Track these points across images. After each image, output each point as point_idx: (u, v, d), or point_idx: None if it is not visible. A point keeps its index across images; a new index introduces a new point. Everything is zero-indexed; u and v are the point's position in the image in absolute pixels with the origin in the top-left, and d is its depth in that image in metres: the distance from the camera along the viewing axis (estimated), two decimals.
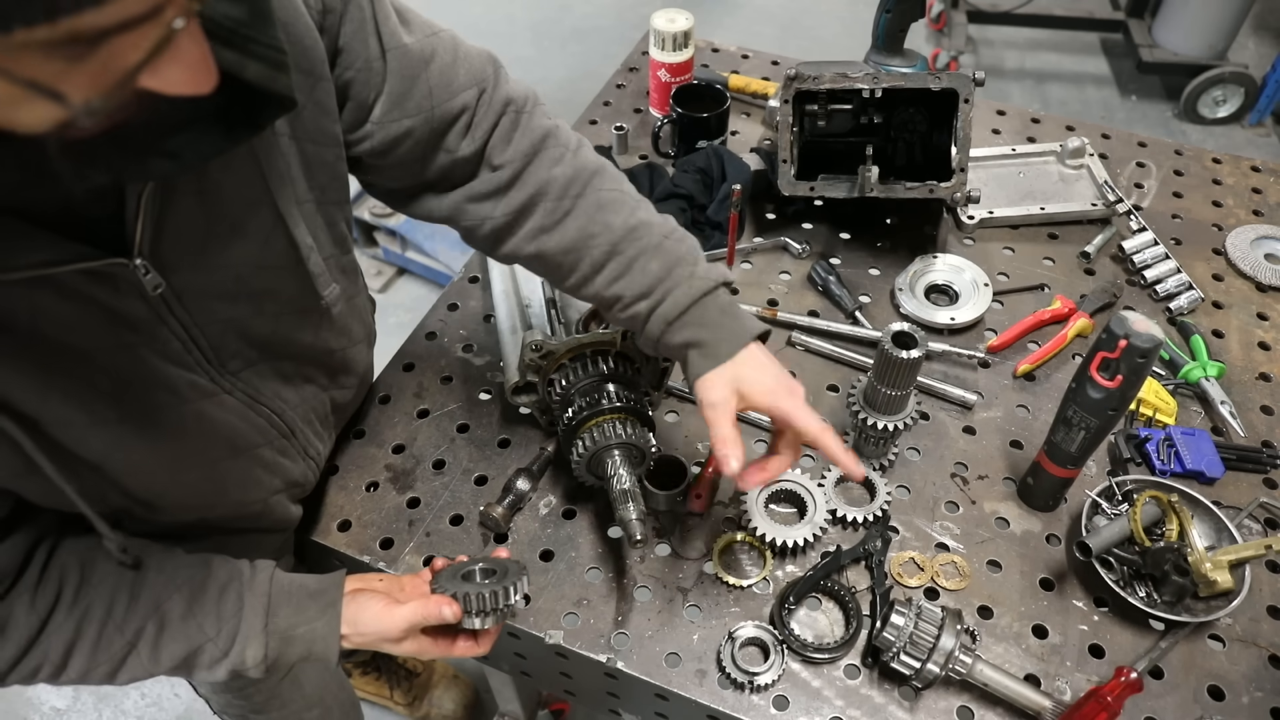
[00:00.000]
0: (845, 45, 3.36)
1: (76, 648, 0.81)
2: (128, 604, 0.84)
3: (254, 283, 0.83)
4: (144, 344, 0.76)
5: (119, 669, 0.84)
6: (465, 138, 0.93)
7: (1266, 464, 1.16)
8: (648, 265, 0.93)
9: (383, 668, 1.99)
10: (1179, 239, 1.48)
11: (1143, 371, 0.94)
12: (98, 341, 0.72)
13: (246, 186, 0.78)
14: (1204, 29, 3.42)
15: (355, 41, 0.83)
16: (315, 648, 0.90)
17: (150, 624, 0.84)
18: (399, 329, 2.76)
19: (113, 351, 0.74)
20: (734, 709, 0.96)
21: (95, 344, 0.72)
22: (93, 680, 0.83)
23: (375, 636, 0.91)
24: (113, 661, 0.83)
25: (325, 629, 0.90)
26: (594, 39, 4.00)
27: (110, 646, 0.82)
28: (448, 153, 0.93)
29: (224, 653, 0.86)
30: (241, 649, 0.87)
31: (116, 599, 0.83)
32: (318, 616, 0.90)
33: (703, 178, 1.47)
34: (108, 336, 0.73)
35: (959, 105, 1.29)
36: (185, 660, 0.86)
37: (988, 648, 1.00)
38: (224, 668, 0.87)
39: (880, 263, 1.44)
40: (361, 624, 0.91)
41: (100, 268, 0.67)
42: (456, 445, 1.20)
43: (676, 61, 1.61)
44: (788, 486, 1.11)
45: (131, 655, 0.83)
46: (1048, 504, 1.12)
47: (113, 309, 0.72)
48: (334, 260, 0.93)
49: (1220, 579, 0.95)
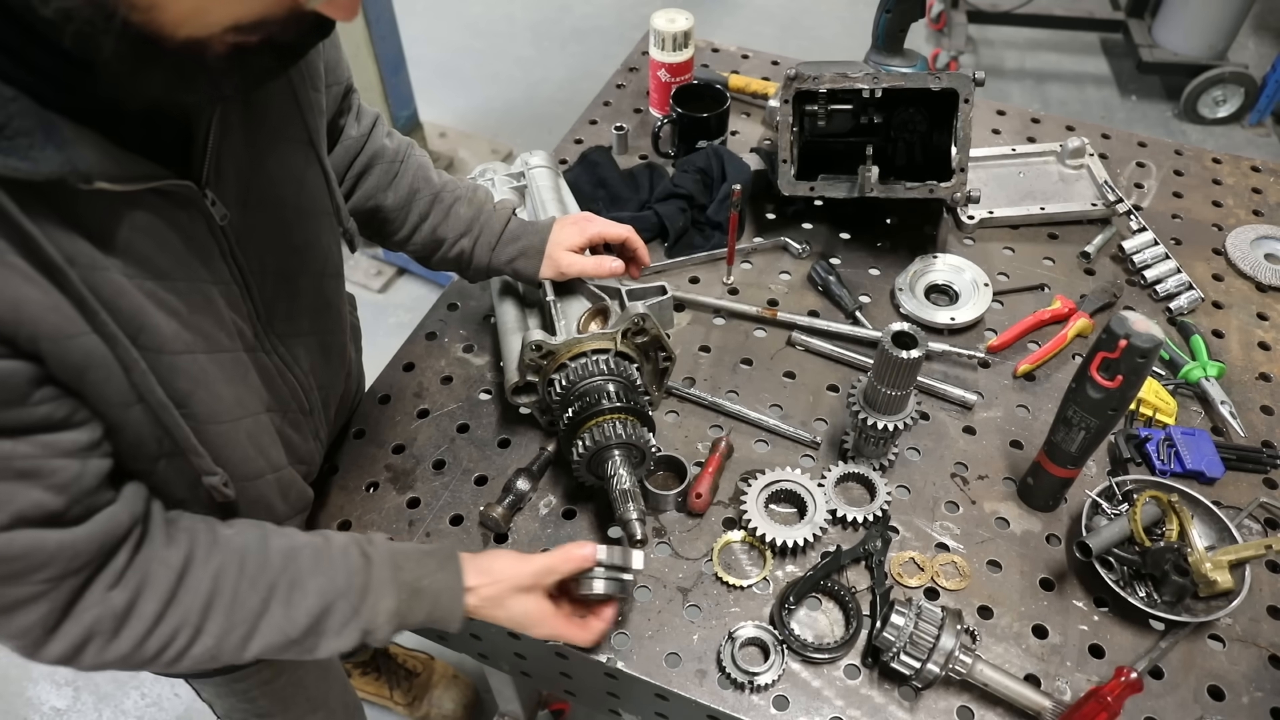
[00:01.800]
0: (845, 45, 3.36)
1: (214, 605, 0.79)
2: (259, 559, 0.83)
3: (294, 230, 0.90)
4: (211, 280, 0.80)
5: (253, 632, 0.81)
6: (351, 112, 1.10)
7: (1266, 464, 1.16)
8: (460, 210, 1.16)
9: (383, 668, 1.99)
10: (1179, 239, 1.48)
11: (1143, 371, 0.94)
12: (178, 268, 0.75)
13: (287, 121, 0.85)
14: (1204, 29, 3.42)
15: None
16: (441, 601, 0.90)
17: (282, 580, 0.83)
18: (399, 329, 2.77)
19: (189, 281, 0.77)
20: (734, 709, 0.96)
21: (176, 270, 0.75)
22: (227, 648, 0.81)
23: (510, 583, 0.91)
24: (249, 621, 0.81)
25: (448, 580, 0.90)
26: (594, 39, 4.00)
27: (246, 604, 0.81)
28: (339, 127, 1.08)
29: (355, 609, 0.85)
30: (375, 601, 0.86)
31: (247, 555, 0.82)
32: (439, 569, 0.91)
33: (703, 178, 1.47)
34: (184, 264, 0.76)
35: (959, 105, 1.29)
36: (317, 619, 0.84)
37: (988, 648, 1.00)
38: (354, 629, 0.86)
39: (880, 263, 1.44)
40: (496, 570, 0.92)
41: (180, 188, 0.72)
42: (456, 445, 1.20)
43: (676, 61, 1.61)
44: (788, 486, 1.11)
45: (265, 616, 0.82)
46: (1048, 504, 1.12)
47: (190, 235, 0.76)
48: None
49: (1220, 579, 0.96)
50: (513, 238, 1.17)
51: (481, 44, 3.99)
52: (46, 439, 0.67)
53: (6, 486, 0.66)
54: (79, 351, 0.67)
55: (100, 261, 0.67)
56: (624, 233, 1.19)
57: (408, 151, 1.16)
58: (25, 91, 0.59)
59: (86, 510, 0.72)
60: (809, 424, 1.22)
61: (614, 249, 1.22)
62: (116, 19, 0.54)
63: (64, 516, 0.70)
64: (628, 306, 1.13)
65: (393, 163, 1.14)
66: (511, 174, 1.39)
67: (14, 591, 0.69)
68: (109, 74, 0.59)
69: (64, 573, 0.71)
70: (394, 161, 1.14)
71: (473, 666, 2.07)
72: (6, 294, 0.61)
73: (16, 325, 0.62)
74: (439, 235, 1.16)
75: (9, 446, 0.65)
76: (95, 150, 0.63)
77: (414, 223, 1.15)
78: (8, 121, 0.58)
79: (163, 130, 0.72)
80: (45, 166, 0.60)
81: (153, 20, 0.55)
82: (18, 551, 0.67)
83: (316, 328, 0.99)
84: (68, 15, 0.53)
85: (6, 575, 0.68)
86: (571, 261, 1.15)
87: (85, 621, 0.73)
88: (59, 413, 0.68)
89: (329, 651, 0.86)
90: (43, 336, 0.64)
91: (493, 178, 1.38)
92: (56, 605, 0.72)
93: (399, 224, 1.15)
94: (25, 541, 0.67)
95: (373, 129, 1.13)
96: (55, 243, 0.63)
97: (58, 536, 0.69)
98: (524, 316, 1.21)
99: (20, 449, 0.66)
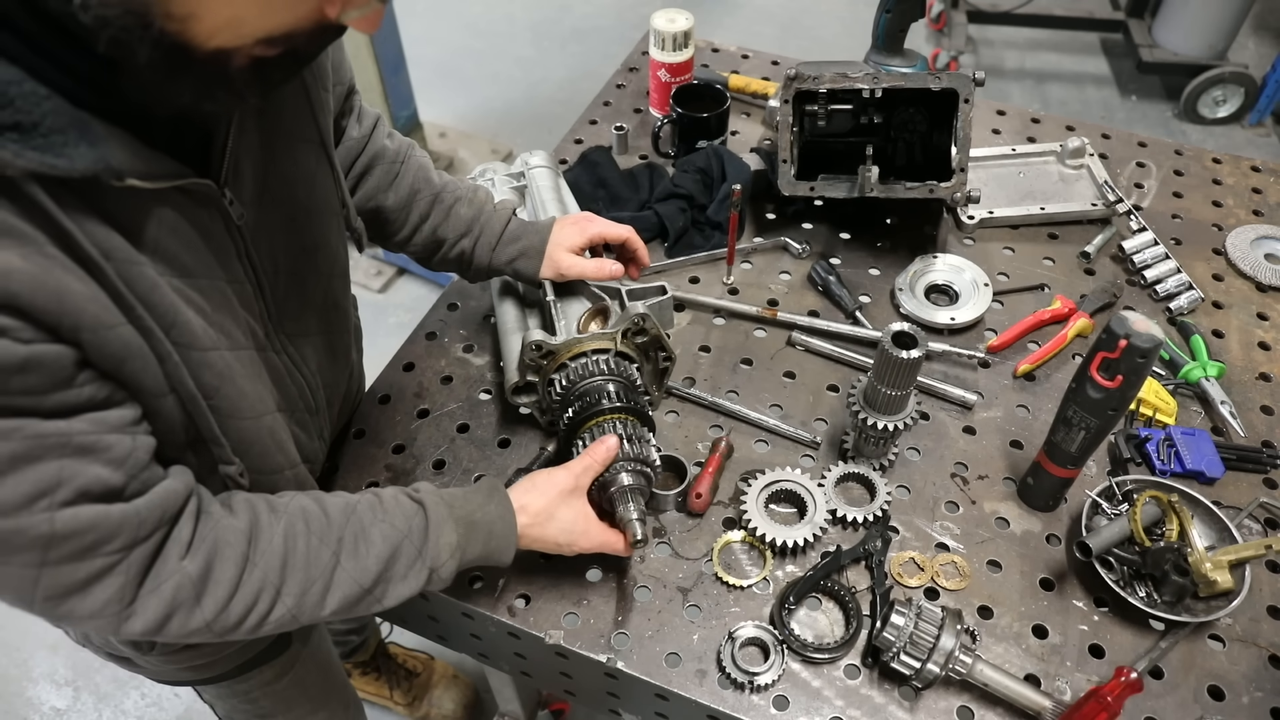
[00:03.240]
0: (845, 45, 3.36)
1: (290, 563, 0.81)
2: (320, 517, 0.85)
3: (304, 230, 0.91)
4: (227, 279, 0.81)
5: (330, 586, 0.83)
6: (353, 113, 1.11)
7: (1266, 464, 1.16)
8: (460, 210, 1.16)
9: (383, 668, 1.99)
10: (1179, 239, 1.48)
11: (1143, 371, 0.94)
12: (200, 265, 0.77)
13: (300, 122, 0.87)
14: (1204, 29, 3.43)
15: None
16: (496, 529, 0.92)
17: (348, 532, 0.85)
18: (399, 329, 2.77)
19: (210, 279, 0.78)
20: (734, 709, 0.96)
21: (199, 267, 0.76)
22: (307, 605, 0.83)
23: (556, 488, 0.96)
24: (325, 576, 0.83)
25: (500, 510, 0.93)
26: (594, 39, 4.00)
27: (319, 559, 0.83)
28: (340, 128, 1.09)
29: (419, 550, 0.88)
30: (436, 538, 0.88)
31: (309, 515, 0.85)
32: (488, 501, 0.94)
33: (703, 178, 1.47)
34: (205, 262, 0.77)
35: (959, 105, 1.29)
36: (386, 564, 0.86)
37: (988, 648, 1.00)
38: (420, 570, 0.88)
39: (880, 263, 1.44)
40: (540, 482, 0.96)
41: (202, 187, 0.74)
42: (456, 445, 1.20)
43: (676, 61, 1.61)
44: (788, 486, 1.11)
45: (338, 569, 0.84)
46: (1048, 504, 1.12)
47: (210, 233, 0.77)
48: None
49: (1220, 579, 0.96)
50: (513, 238, 1.17)
51: (481, 44, 3.99)
52: (97, 416, 0.69)
53: (70, 463, 0.67)
54: (117, 342, 0.68)
55: (135, 257, 0.69)
56: (624, 233, 1.19)
57: (408, 152, 1.16)
58: (58, 91, 0.61)
59: (143, 485, 0.74)
60: (809, 424, 1.22)
61: (614, 249, 1.22)
62: (153, 28, 0.56)
63: (124, 492, 0.72)
64: (628, 306, 1.13)
65: (393, 163, 1.14)
66: (511, 174, 1.39)
67: (86, 566, 0.71)
68: (140, 80, 0.61)
69: (131, 542, 0.72)
70: (395, 162, 1.14)
71: (473, 666, 2.07)
72: (50, 283, 0.62)
73: (60, 315, 0.63)
74: (439, 236, 1.16)
75: (65, 425, 0.67)
76: (125, 149, 0.65)
77: (415, 223, 1.16)
78: (42, 119, 0.59)
79: (185, 131, 0.74)
80: (80, 163, 0.61)
81: (187, 30, 0.57)
82: (85, 524, 0.69)
83: (324, 328, 1.00)
84: (105, 22, 0.55)
85: (78, 550, 0.69)
86: (572, 263, 1.15)
87: (165, 593, 0.75)
88: (102, 393, 0.70)
89: (397, 598, 0.88)
90: (84, 327, 0.65)
91: (493, 178, 1.38)
92: (130, 578, 0.73)
93: (400, 225, 1.16)
94: (91, 515, 0.69)
95: (374, 130, 1.14)
96: (91, 237, 0.65)
97: (120, 509, 0.71)
98: (524, 316, 1.21)
99: (76, 426, 0.67)
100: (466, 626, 1.11)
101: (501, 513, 0.93)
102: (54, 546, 0.68)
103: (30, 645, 2.20)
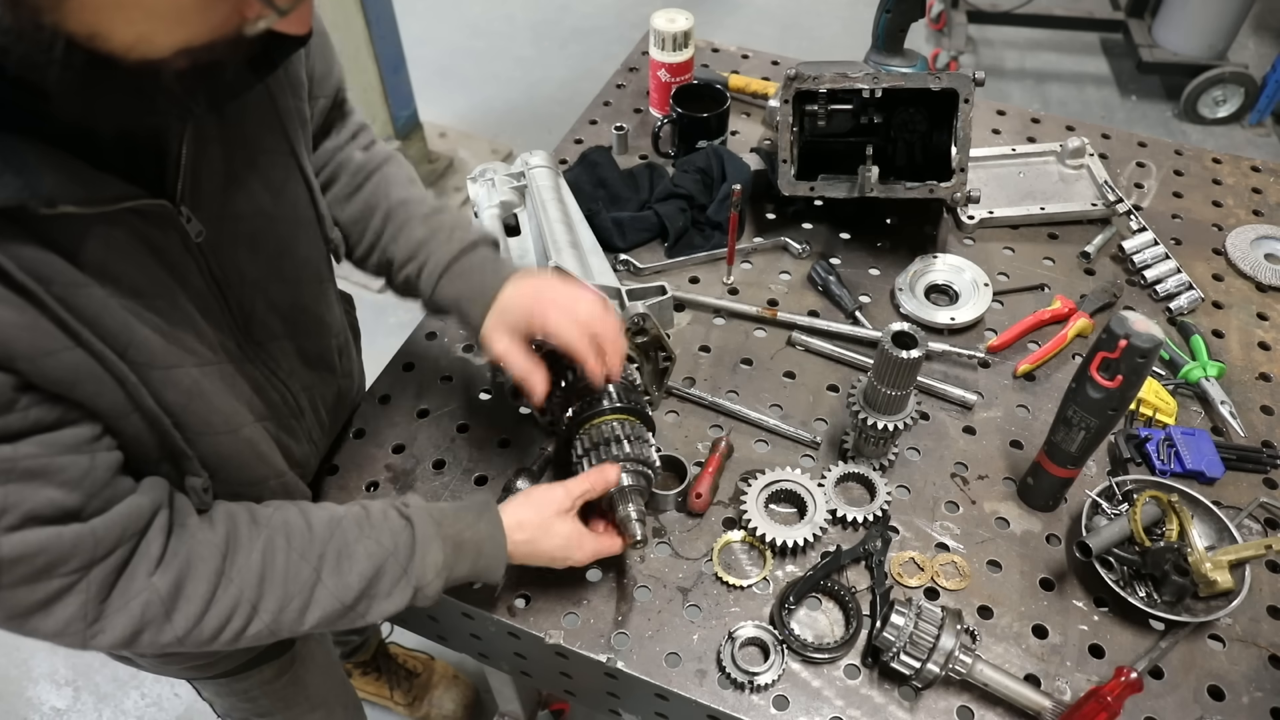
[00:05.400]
0: (845, 45, 3.35)
1: (267, 580, 0.80)
2: (303, 532, 0.84)
3: (270, 240, 0.87)
4: (188, 296, 0.79)
5: (309, 603, 0.82)
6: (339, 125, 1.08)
7: (1266, 464, 1.16)
8: (413, 232, 1.02)
9: (383, 668, 1.99)
10: (1179, 239, 1.48)
11: (1143, 371, 0.94)
12: (155, 285, 0.75)
13: (266, 132, 0.84)
14: (1204, 29, 3.42)
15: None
16: (485, 549, 0.91)
17: (330, 548, 0.84)
18: (399, 329, 2.76)
19: (167, 298, 0.77)
20: (734, 709, 0.96)
21: (154, 287, 0.75)
22: (285, 621, 0.82)
23: (551, 507, 0.93)
24: (303, 593, 0.82)
25: (489, 529, 0.91)
26: (594, 39, 4.00)
27: (299, 576, 0.82)
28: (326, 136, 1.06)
29: (404, 569, 0.86)
30: (422, 557, 0.87)
31: (291, 529, 0.83)
32: (478, 520, 0.92)
33: (703, 178, 1.47)
34: (160, 282, 0.76)
35: (959, 105, 1.29)
36: (369, 582, 0.85)
37: (988, 648, 1.00)
38: (404, 588, 0.87)
39: (880, 263, 1.44)
40: (536, 498, 0.94)
41: (153, 207, 0.72)
42: (456, 445, 1.20)
43: (676, 61, 1.61)
44: (788, 486, 1.11)
45: (319, 586, 0.83)
46: (1048, 504, 1.12)
47: (166, 252, 0.75)
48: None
49: (1220, 579, 0.95)
50: (462, 272, 0.98)
51: (481, 44, 3.99)
52: (46, 438, 0.68)
53: (15, 488, 0.66)
54: (62, 367, 0.67)
55: (78, 279, 0.67)
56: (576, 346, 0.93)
57: (379, 165, 1.07)
58: None
59: (106, 502, 0.73)
60: (809, 424, 1.22)
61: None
62: (56, 49, 0.54)
63: (82, 511, 0.71)
64: (628, 306, 1.13)
65: (355, 175, 1.06)
66: (511, 174, 1.39)
67: (44, 587, 0.70)
68: (64, 100, 0.58)
69: (89, 562, 0.72)
70: (358, 175, 1.06)
71: (473, 666, 2.07)
72: None
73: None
74: (388, 255, 1.04)
75: (10, 450, 0.66)
76: (61, 173, 0.63)
77: (370, 240, 1.06)
78: None
79: (137, 149, 0.72)
80: (2, 193, 0.59)
81: (99, 48, 0.55)
82: (35, 547, 0.68)
83: (293, 333, 0.97)
84: (4, 50, 0.53)
85: (30, 572, 0.69)
86: (505, 351, 0.95)
87: (134, 610, 0.74)
88: (51, 415, 0.68)
89: (381, 615, 0.87)
90: (18, 355, 0.64)
91: (493, 178, 1.38)
92: (91, 595, 0.72)
93: (355, 240, 1.07)
94: (40, 538, 0.68)
95: (350, 141, 1.08)
96: (26, 263, 0.63)
97: (75, 530, 0.70)
98: None
99: (22, 450, 0.66)
100: (466, 626, 1.11)
101: (491, 531, 0.91)
102: (5, 571, 0.67)
103: (30, 645, 2.20)
